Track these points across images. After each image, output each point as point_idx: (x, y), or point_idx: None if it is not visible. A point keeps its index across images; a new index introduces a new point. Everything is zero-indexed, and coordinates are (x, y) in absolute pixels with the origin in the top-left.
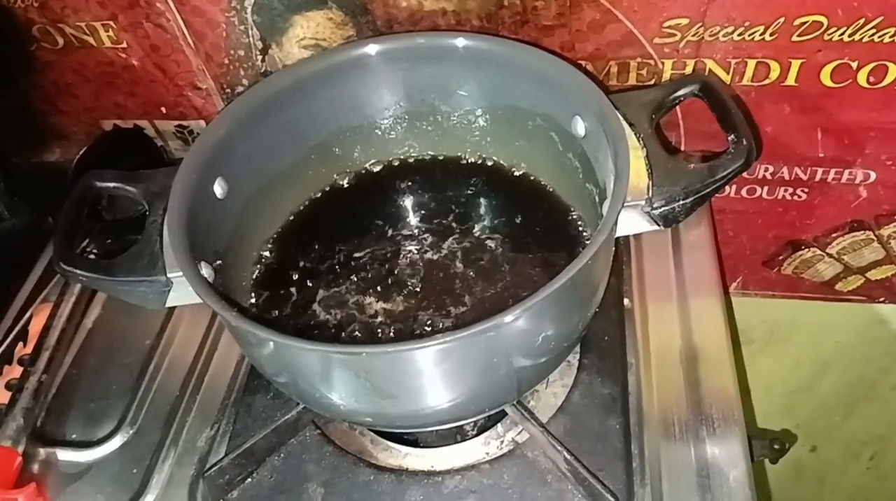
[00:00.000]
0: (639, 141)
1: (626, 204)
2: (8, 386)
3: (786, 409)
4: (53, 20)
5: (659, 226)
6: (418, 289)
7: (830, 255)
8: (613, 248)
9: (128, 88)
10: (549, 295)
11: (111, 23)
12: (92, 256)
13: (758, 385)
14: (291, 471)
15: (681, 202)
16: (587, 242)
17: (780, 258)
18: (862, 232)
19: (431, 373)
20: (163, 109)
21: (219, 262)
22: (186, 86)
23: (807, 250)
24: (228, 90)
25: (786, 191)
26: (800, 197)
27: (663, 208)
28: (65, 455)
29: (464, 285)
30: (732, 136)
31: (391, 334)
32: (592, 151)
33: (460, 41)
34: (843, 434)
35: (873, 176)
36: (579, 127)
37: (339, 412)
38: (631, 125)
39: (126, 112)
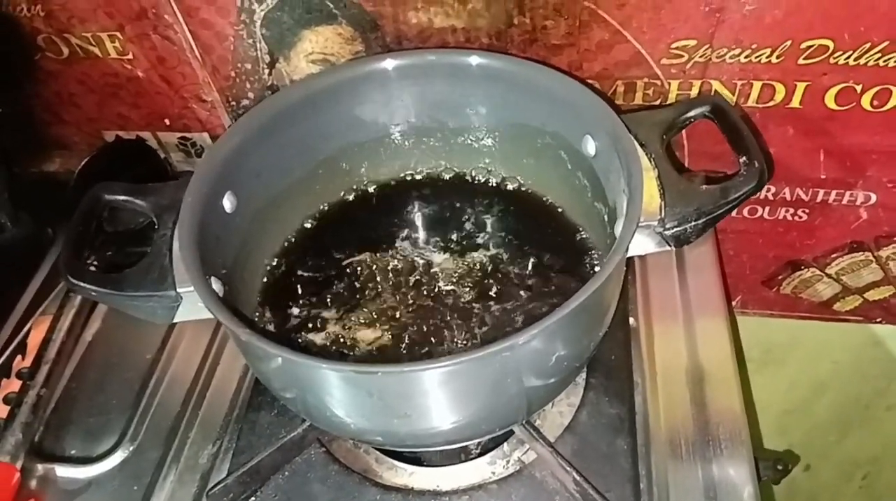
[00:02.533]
0: (650, 161)
1: (638, 225)
2: (6, 400)
3: (781, 429)
4: (59, 30)
5: (670, 246)
6: (425, 307)
7: (829, 276)
8: (625, 268)
9: (132, 99)
10: (565, 315)
11: (118, 34)
12: (92, 268)
13: (754, 404)
14: (296, 490)
15: (693, 223)
16: (595, 261)
17: (780, 278)
18: (861, 253)
19: (445, 393)
20: (166, 121)
21: (226, 277)
22: (191, 99)
23: (806, 270)
24: (234, 103)
25: (787, 211)
26: (801, 217)
27: (675, 229)
28: (64, 471)
29: (471, 303)
30: (744, 158)
31: (397, 352)
32: (603, 170)
33: (474, 59)
34: (837, 454)
35: (874, 198)
36: (590, 146)
37: (348, 430)
38: (642, 145)
39: (129, 123)
